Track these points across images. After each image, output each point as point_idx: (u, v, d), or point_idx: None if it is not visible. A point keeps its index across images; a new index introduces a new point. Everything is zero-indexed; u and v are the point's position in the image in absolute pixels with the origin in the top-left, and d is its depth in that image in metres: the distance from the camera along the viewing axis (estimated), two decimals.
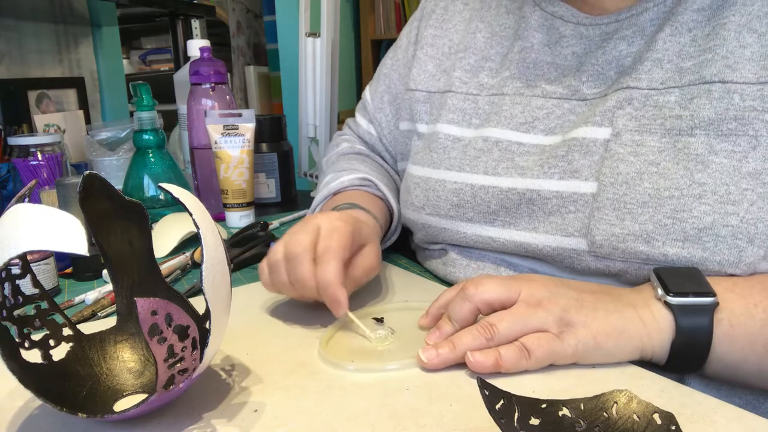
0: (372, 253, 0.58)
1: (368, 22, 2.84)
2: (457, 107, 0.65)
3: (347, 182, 0.73)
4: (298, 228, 0.55)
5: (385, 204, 0.74)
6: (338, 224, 0.55)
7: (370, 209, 0.68)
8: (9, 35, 1.23)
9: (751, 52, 0.49)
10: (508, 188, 0.57)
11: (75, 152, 1.25)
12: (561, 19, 0.61)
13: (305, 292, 0.53)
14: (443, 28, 0.72)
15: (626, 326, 0.44)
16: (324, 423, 0.39)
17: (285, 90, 2.21)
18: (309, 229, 0.54)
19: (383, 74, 0.80)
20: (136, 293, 0.48)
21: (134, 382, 0.45)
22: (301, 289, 0.53)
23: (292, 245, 0.52)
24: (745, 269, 0.47)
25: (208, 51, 0.96)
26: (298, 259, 0.52)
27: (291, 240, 0.53)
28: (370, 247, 0.58)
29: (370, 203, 0.70)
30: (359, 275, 0.56)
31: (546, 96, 0.60)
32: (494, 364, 0.43)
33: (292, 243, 0.53)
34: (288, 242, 0.53)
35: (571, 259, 0.54)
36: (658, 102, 0.52)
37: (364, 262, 0.56)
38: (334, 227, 0.54)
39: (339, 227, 0.54)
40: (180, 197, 0.39)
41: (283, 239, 0.55)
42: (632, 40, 0.56)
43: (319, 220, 0.56)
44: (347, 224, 0.55)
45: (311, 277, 0.51)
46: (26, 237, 0.34)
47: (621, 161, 0.51)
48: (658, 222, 0.49)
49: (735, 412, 0.39)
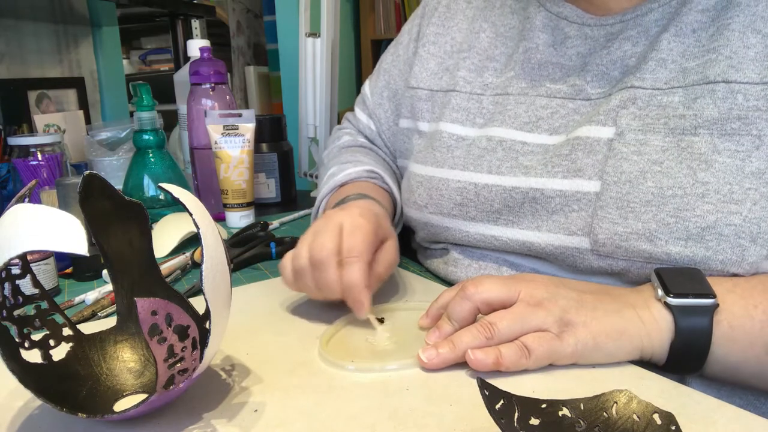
0: (392, 248, 0.58)
1: (368, 22, 2.84)
2: (461, 106, 0.65)
3: (354, 174, 0.73)
4: (320, 227, 0.55)
5: (390, 197, 0.74)
6: (361, 222, 0.54)
7: (378, 199, 0.67)
8: (9, 35, 1.23)
9: (755, 53, 0.49)
10: (512, 187, 0.57)
11: (75, 152, 1.25)
12: (566, 20, 0.61)
13: (332, 295, 0.53)
14: (445, 26, 0.72)
15: (626, 326, 0.44)
16: (324, 423, 0.39)
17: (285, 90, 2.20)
18: (331, 228, 0.54)
19: (383, 69, 0.80)
20: (136, 293, 0.48)
21: (134, 382, 0.45)
22: (328, 293, 0.53)
23: (317, 250, 0.52)
24: (747, 268, 0.47)
25: (208, 51, 0.96)
26: (324, 265, 0.52)
27: (315, 243, 0.53)
28: (390, 242, 0.58)
29: (377, 194, 0.70)
30: (382, 271, 0.55)
31: (550, 96, 0.60)
32: (494, 363, 0.43)
33: (317, 247, 0.52)
34: (312, 246, 0.53)
35: (574, 257, 0.54)
36: (661, 102, 0.52)
37: (386, 257, 0.56)
38: (357, 225, 0.54)
39: (362, 226, 0.54)
40: (180, 197, 0.39)
41: (305, 241, 0.54)
42: (637, 40, 0.56)
43: (341, 218, 0.55)
44: (369, 222, 0.55)
45: (337, 281, 0.51)
46: (26, 237, 0.34)
47: (624, 160, 0.51)
48: (661, 221, 0.49)
49: (735, 412, 0.39)
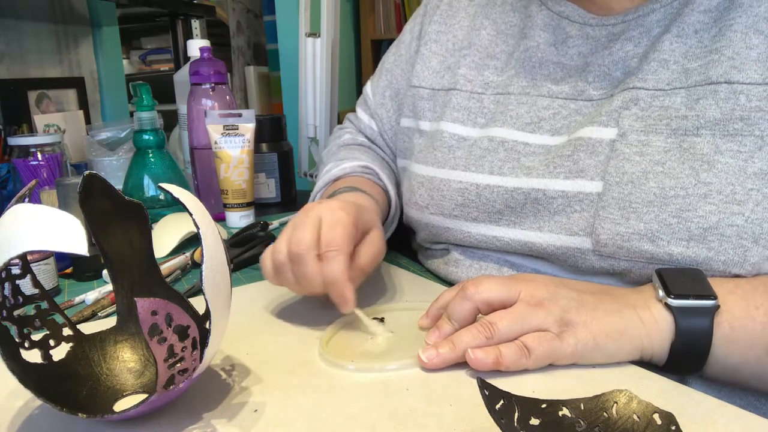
0: (376, 239, 0.57)
1: (368, 22, 2.84)
2: (462, 106, 0.65)
3: (349, 169, 0.73)
4: (299, 221, 0.54)
5: (384, 193, 0.73)
6: (340, 215, 0.53)
7: (370, 193, 0.67)
8: (9, 35, 1.23)
9: (758, 54, 0.49)
10: (514, 188, 0.57)
11: (75, 152, 1.25)
12: (567, 19, 0.61)
13: (313, 289, 0.52)
14: (447, 24, 0.72)
15: (626, 327, 0.44)
16: (324, 423, 0.39)
17: (285, 90, 2.21)
18: (310, 222, 0.53)
19: (385, 69, 0.80)
20: (136, 293, 0.48)
21: (134, 382, 0.45)
22: (309, 288, 0.52)
23: (295, 244, 0.52)
24: (749, 269, 0.47)
25: (208, 51, 0.96)
26: (302, 259, 0.51)
27: (294, 238, 0.52)
28: (374, 233, 0.57)
29: (369, 188, 0.70)
30: (365, 264, 0.54)
31: (552, 96, 0.60)
32: (494, 362, 0.43)
33: (295, 241, 0.52)
34: (291, 240, 0.52)
35: (576, 258, 0.54)
36: (664, 103, 0.52)
37: (369, 249, 0.55)
38: (336, 219, 0.53)
39: (341, 218, 0.53)
40: (180, 197, 0.39)
41: (284, 235, 0.54)
42: (639, 41, 0.56)
43: (319, 211, 0.54)
44: (349, 214, 0.54)
45: (317, 275, 0.51)
46: (26, 237, 0.34)
47: (627, 161, 0.51)
48: (663, 221, 0.49)
49: (735, 412, 0.39)
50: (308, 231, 0.52)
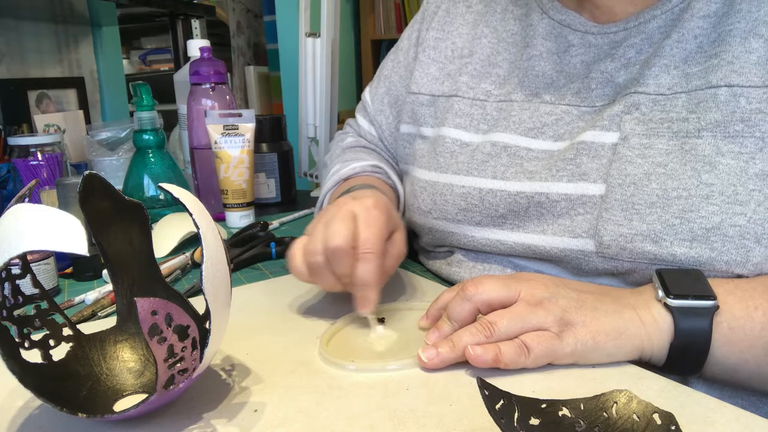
0: (401, 240, 0.57)
1: (368, 22, 2.84)
2: (464, 112, 0.65)
3: (359, 168, 0.73)
4: (331, 215, 0.53)
5: (395, 192, 0.74)
6: (375, 214, 0.53)
7: (385, 191, 0.67)
8: (9, 35, 1.23)
9: (758, 57, 0.49)
10: (517, 192, 0.57)
11: (75, 152, 1.25)
12: (569, 28, 0.61)
13: (347, 287, 0.52)
14: (445, 30, 0.72)
15: (626, 327, 0.44)
16: (324, 423, 0.39)
17: (285, 90, 2.21)
18: (344, 216, 0.52)
19: (384, 76, 0.80)
20: (136, 293, 0.48)
21: (134, 382, 0.45)
22: (338, 284, 0.52)
23: (331, 237, 0.50)
24: (752, 269, 0.47)
25: (208, 51, 0.96)
26: (341, 255, 0.50)
27: (329, 232, 0.51)
28: (399, 234, 0.57)
29: (383, 187, 0.70)
30: (390, 266, 0.54)
31: (554, 103, 0.60)
32: (493, 359, 0.43)
33: (332, 235, 0.50)
34: (326, 234, 0.51)
35: (579, 260, 0.54)
36: (665, 107, 0.52)
37: (395, 249, 0.55)
38: (372, 217, 0.52)
39: (377, 218, 0.53)
40: (180, 197, 0.39)
41: (318, 230, 0.52)
42: (641, 47, 0.56)
43: (353, 207, 0.53)
44: (382, 213, 0.54)
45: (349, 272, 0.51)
46: (26, 237, 0.34)
47: (629, 163, 0.51)
48: (666, 222, 0.49)
49: (735, 412, 0.39)
50: (343, 226, 0.51)
